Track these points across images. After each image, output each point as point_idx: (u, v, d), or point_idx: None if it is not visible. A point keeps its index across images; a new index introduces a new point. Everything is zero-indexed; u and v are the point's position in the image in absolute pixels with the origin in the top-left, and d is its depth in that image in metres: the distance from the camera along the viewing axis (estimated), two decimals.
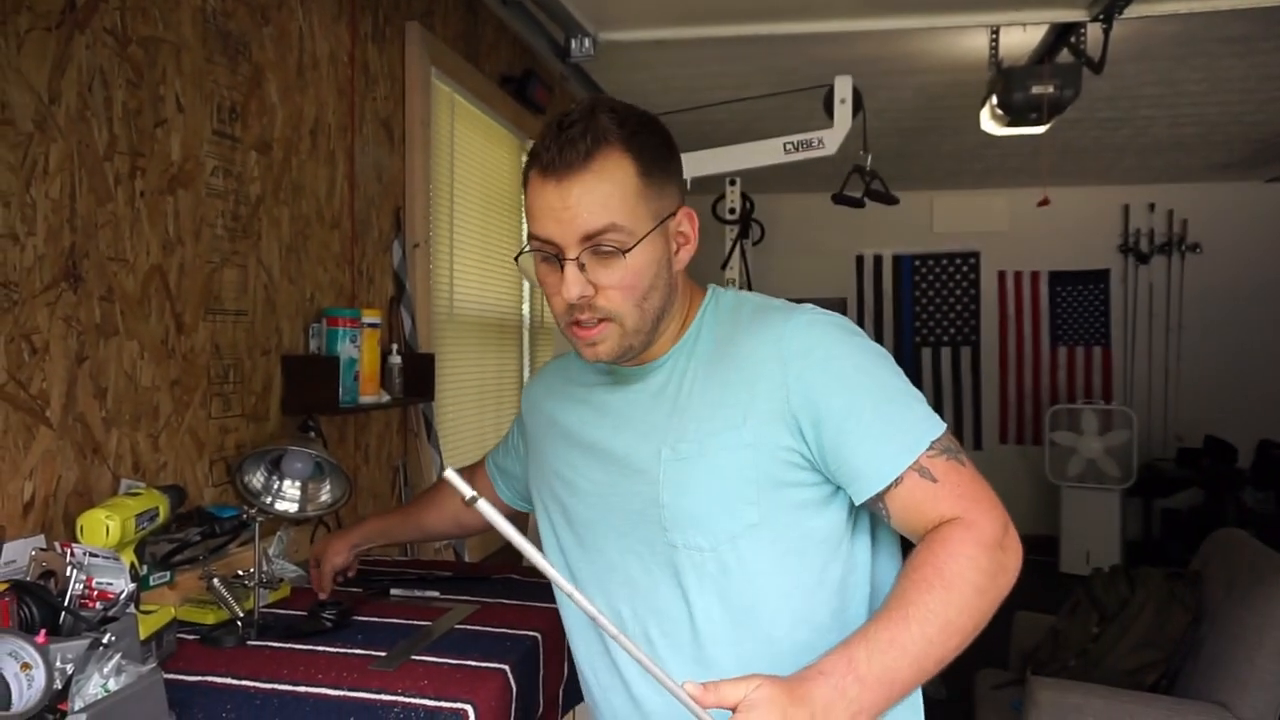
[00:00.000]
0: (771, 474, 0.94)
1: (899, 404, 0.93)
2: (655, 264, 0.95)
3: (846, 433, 0.91)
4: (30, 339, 1.26)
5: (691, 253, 1.00)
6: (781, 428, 0.93)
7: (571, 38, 2.90)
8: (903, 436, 0.91)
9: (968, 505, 0.90)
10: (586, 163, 0.91)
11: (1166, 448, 5.88)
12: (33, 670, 0.89)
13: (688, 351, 1.02)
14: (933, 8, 2.74)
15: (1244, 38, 3.17)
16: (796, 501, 0.95)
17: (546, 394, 1.16)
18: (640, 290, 0.95)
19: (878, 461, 0.91)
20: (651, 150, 0.95)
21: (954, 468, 0.91)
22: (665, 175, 0.96)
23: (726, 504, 0.95)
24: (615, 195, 0.92)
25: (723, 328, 1.01)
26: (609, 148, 0.92)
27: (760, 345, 0.95)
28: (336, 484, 1.58)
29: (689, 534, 0.96)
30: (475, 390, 2.93)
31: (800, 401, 0.92)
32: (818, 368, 0.93)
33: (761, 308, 1.00)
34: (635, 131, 0.94)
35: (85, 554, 1.09)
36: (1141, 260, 6.07)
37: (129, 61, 1.42)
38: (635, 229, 0.93)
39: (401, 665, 1.20)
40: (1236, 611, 2.22)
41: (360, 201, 2.16)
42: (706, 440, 0.95)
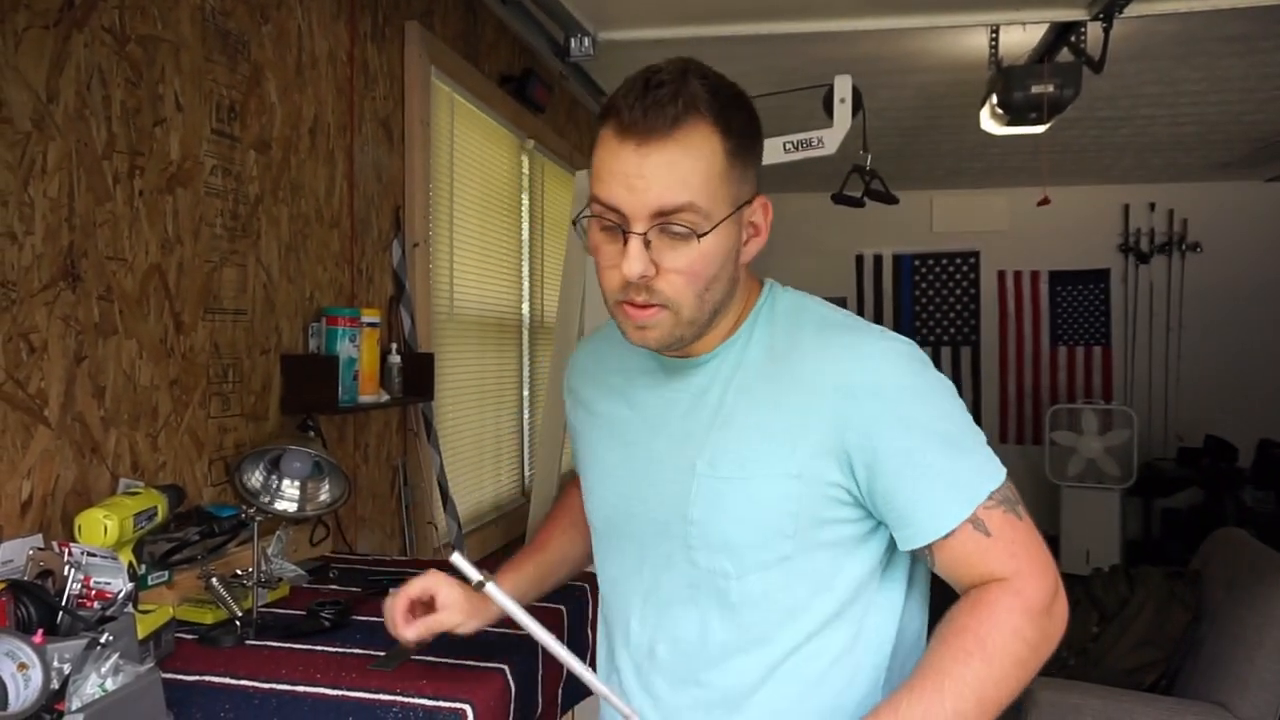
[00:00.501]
0: (813, 509, 0.87)
1: (962, 448, 0.86)
2: (724, 253, 0.87)
3: (904, 478, 0.85)
4: (28, 338, 1.25)
5: (760, 246, 0.92)
6: (832, 463, 0.86)
7: (571, 37, 2.89)
8: (962, 486, 0.85)
9: (1020, 565, 0.84)
10: (672, 130, 0.82)
11: (1166, 447, 5.88)
12: (30, 670, 0.89)
13: (737, 355, 0.93)
14: (932, 7, 2.74)
15: (1244, 37, 3.17)
16: (833, 538, 0.89)
17: (584, 379, 1.08)
18: (704, 279, 0.86)
19: (933, 512, 0.85)
20: (740, 127, 0.86)
21: (1010, 522, 0.85)
22: (750, 157, 0.88)
23: (762, 534, 0.88)
24: (698, 172, 0.83)
25: (779, 336, 0.92)
26: (698, 118, 0.83)
27: (822, 370, 0.87)
28: (335, 483, 1.58)
29: (716, 558, 0.90)
30: (475, 390, 2.93)
31: (858, 439, 0.85)
32: (882, 405, 0.85)
33: (826, 324, 0.92)
34: (726, 104, 0.85)
35: (83, 553, 1.08)
36: (1142, 260, 6.06)
37: (128, 60, 1.42)
38: (712, 212, 0.84)
39: (400, 665, 1.20)
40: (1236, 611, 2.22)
41: (359, 201, 2.15)
42: (749, 463, 0.88)
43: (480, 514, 2.95)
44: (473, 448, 2.91)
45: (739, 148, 0.86)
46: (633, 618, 0.98)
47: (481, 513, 2.96)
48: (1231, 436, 5.44)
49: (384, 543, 2.27)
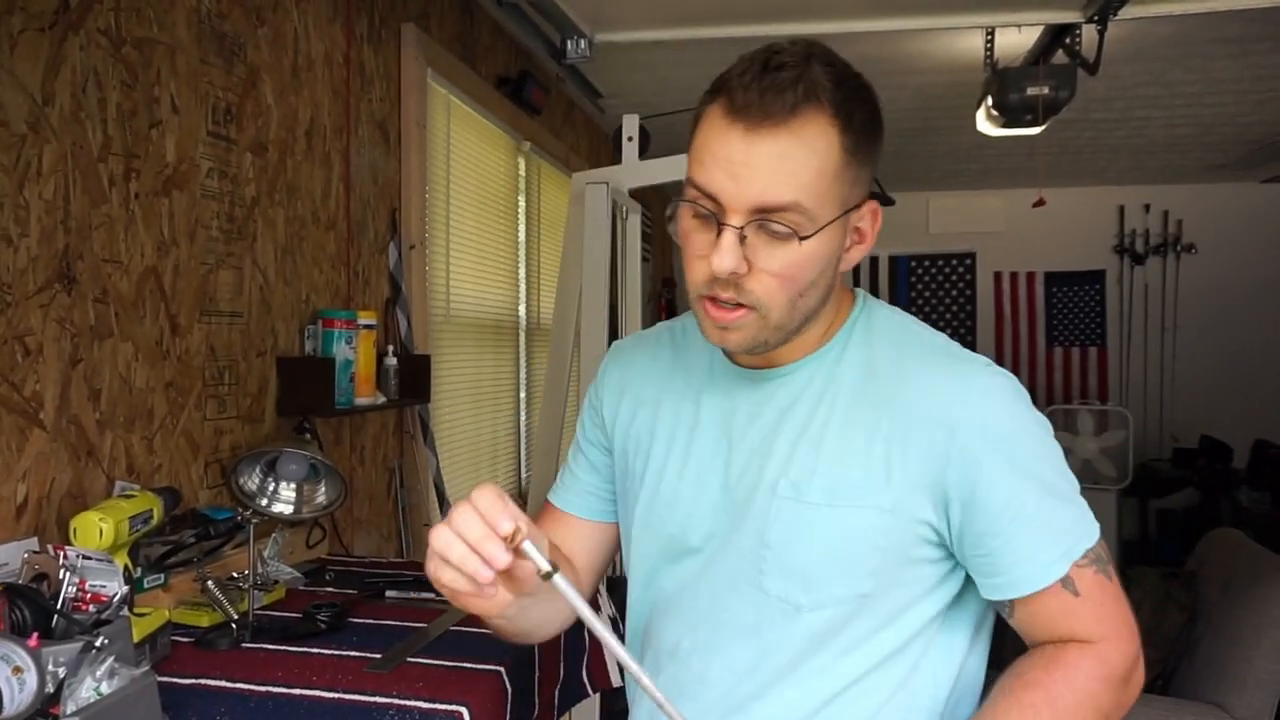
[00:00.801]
0: (901, 547, 0.81)
1: (1061, 500, 0.81)
2: (824, 259, 0.80)
3: (1001, 526, 0.79)
4: (24, 341, 1.25)
5: (863, 254, 0.85)
6: (926, 501, 0.80)
7: (567, 39, 2.90)
8: (1059, 542, 0.80)
9: (1106, 631, 0.80)
10: (789, 119, 0.75)
11: (1162, 448, 5.89)
12: (24, 674, 0.88)
13: (829, 370, 0.86)
14: (928, 9, 2.75)
15: (1238, 39, 3.18)
16: (913, 578, 0.83)
17: (640, 377, 0.98)
18: (800, 285, 0.79)
19: (1027, 567, 0.79)
20: (861, 123, 0.79)
21: (1101, 583, 0.81)
22: (867, 157, 0.81)
23: (844, 569, 0.82)
24: (810, 168, 0.76)
25: (879, 355, 0.85)
26: (817, 108, 0.76)
27: (927, 400, 0.81)
28: (332, 486, 1.58)
29: (790, 588, 0.83)
30: (471, 392, 2.93)
31: (959, 479, 0.79)
32: (988, 445, 0.79)
33: (932, 349, 0.85)
34: (850, 96, 0.78)
35: (78, 556, 1.08)
36: (1137, 261, 6.08)
37: (123, 62, 1.42)
38: (819, 214, 0.77)
39: (397, 667, 1.20)
40: (1232, 611, 2.22)
41: (356, 203, 2.15)
42: (839, 491, 0.82)
43: None
44: (469, 450, 2.91)
45: (857, 145, 0.79)
46: (684, 638, 0.89)
47: None
48: (1227, 437, 5.46)
49: (380, 545, 2.27)
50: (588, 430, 1.03)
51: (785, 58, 0.77)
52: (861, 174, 0.81)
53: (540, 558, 0.66)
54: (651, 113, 3.03)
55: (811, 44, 0.79)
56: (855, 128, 0.78)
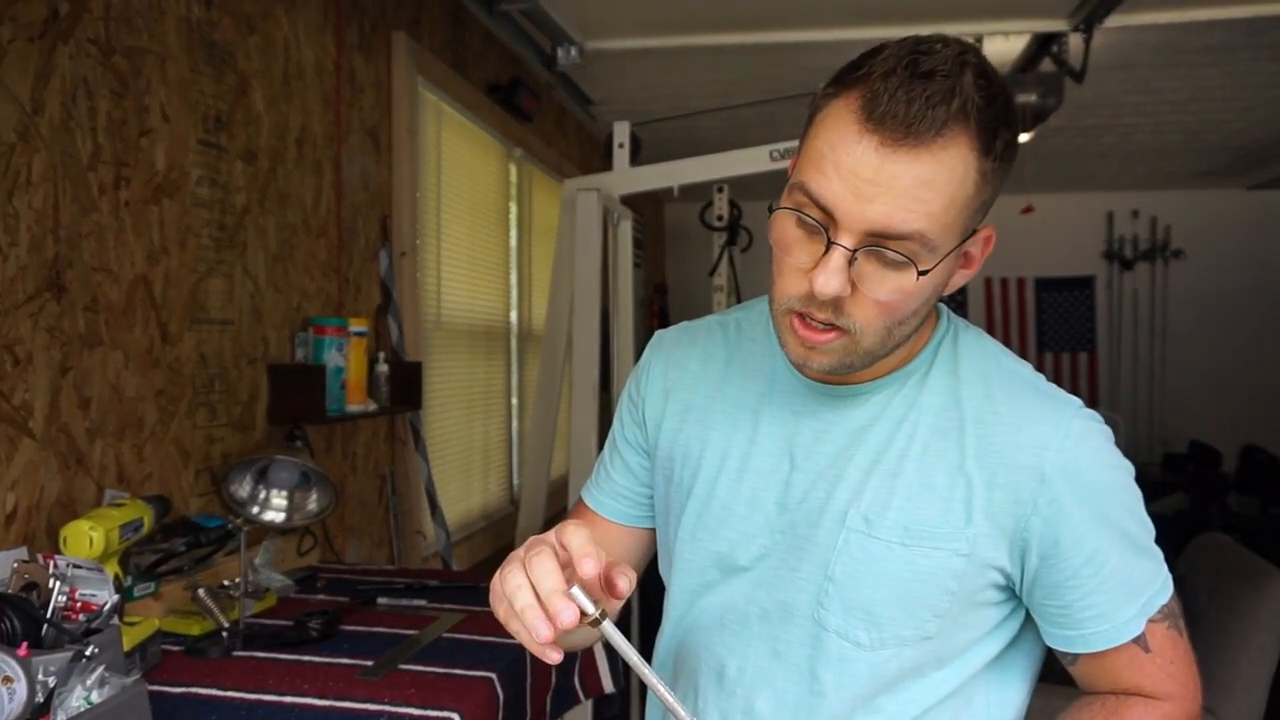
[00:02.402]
0: (972, 591, 0.77)
1: (1142, 553, 0.77)
2: (933, 290, 0.74)
3: (1081, 580, 0.75)
4: (13, 350, 1.25)
5: (967, 279, 0.79)
6: (1004, 546, 0.76)
7: (558, 46, 2.91)
8: (1138, 598, 0.76)
9: (1173, 690, 0.77)
10: (934, 139, 0.66)
11: (1152, 453, 5.92)
12: (14, 683, 0.88)
13: (911, 394, 0.80)
14: (916, 17, 2.77)
15: (1223, 47, 3.21)
16: (977, 620, 0.79)
17: (689, 380, 0.90)
18: (900, 314, 0.73)
19: (1104, 624, 0.76)
20: (1003, 148, 0.71)
21: (1172, 639, 0.78)
22: (1000, 181, 0.73)
23: (911, 609, 0.77)
24: (943, 198, 0.68)
25: (966, 383, 0.79)
26: (963, 129, 0.67)
27: (1018, 441, 0.75)
28: (323, 493, 1.58)
29: (851, 624, 0.78)
30: (463, 398, 2.93)
31: (1043, 529, 0.75)
32: (1078, 495, 0.74)
33: (1022, 383, 0.79)
34: (996, 117, 0.69)
35: (68, 565, 1.08)
36: (1126, 266, 6.12)
37: (113, 71, 1.42)
38: (941, 246, 0.70)
39: (388, 674, 1.20)
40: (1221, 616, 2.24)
41: (347, 210, 2.15)
42: (914, 530, 0.76)
43: (469, 523, 2.94)
44: (461, 456, 2.91)
45: (995, 172, 0.71)
46: (729, 663, 0.84)
47: (470, 521, 2.96)
48: (1216, 442, 5.49)
49: (372, 552, 2.27)
50: (626, 429, 0.95)
51: (937, 62, 0.67)
52: (989, 201, 0.74)
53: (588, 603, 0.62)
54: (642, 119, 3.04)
55: (965, 48, 0.69)
56: (997, 152, 0.70)
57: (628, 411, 0.95)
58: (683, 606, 0.88)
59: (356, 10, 2.20)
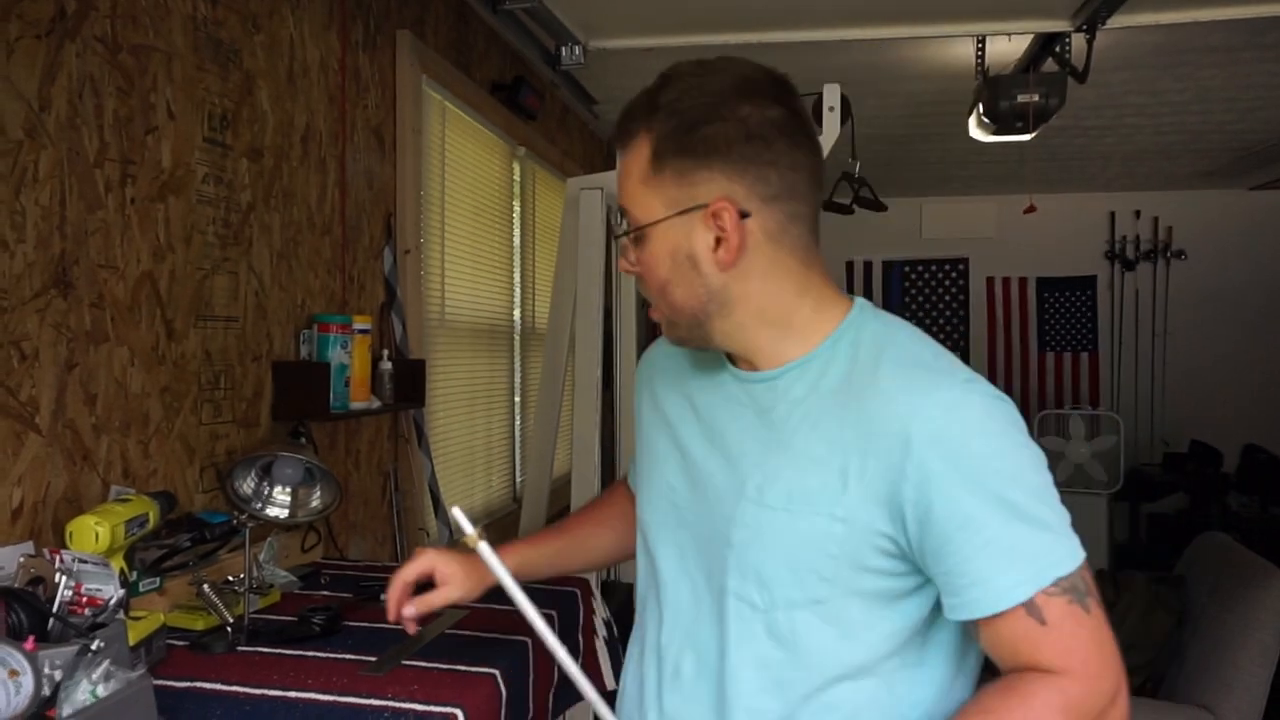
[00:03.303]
0: (856, 556, 0.82)
1: (1032, 525, 0.78)
2: (669, 257, 0.86)
3: (956, 545, 0.78)
4: (20, 345, 1.26)
5: (733, 254, 0.85)
6: (883, 513, 0.80)
7: (562, 45, 2.91)
8: (1023, 566, 0.77)
9: (1073, 664, 0.77)
10: (623, 142, 0.90)
11: (1153, 452, 5.92)
12: (21, 677, 0.89)
13: (812, 378, 0.87)
14: (919, 17, 2.77)
15: (1226, 48, 3.21)
16: (873, 589, 0.83)
17: (662, 378, 1.04)
18: (657, 280, 0.88)
19: (983, 590, 0.77)
20: (689, 132, 0.85)
21: (1073, 615, 0.77)
22: (700, 162, 0.84)
23: (796, 571, 0.83)
24: (625, 175, 0.89)
25: (860, 365, 0.85)
26: (644, 128, 0.88)
27: (889, 412, 0.80)
28: (327, 490, 1.59)
29: (746, 587, 0.86)
30: (466, 396, 2.93)
31: (913, 494, 0.78)
32: (945, 462, 0.78)
33: (909, 360, 0.84)
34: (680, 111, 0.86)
35: (74, 560, 1.09)
36: (1127, 267, 6.12)
37: (119, 69, 1.43)
38: (640, 215, 0.87)
39: (391, 670, 1.21)
40: (1220, 615, 2.24)
41: (351, 208, 2.16)
42: (797, 496, 0.83)
43: (472, 520, 2.94)
44: (464, 454, 2.91)
45: (669, 152, 0.86)
46: (664, 627, 0.94)
47: (473, 518, 2.94)
48: (1216, 442, 5.49)
49: (375, 549, 2.27)
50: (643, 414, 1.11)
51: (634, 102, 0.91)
52: (694, 176, 0.85)
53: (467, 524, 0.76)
54: None
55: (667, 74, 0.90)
56: (671, 136, 0.86)
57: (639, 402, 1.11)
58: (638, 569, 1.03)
59: (361, 8, 2.20)
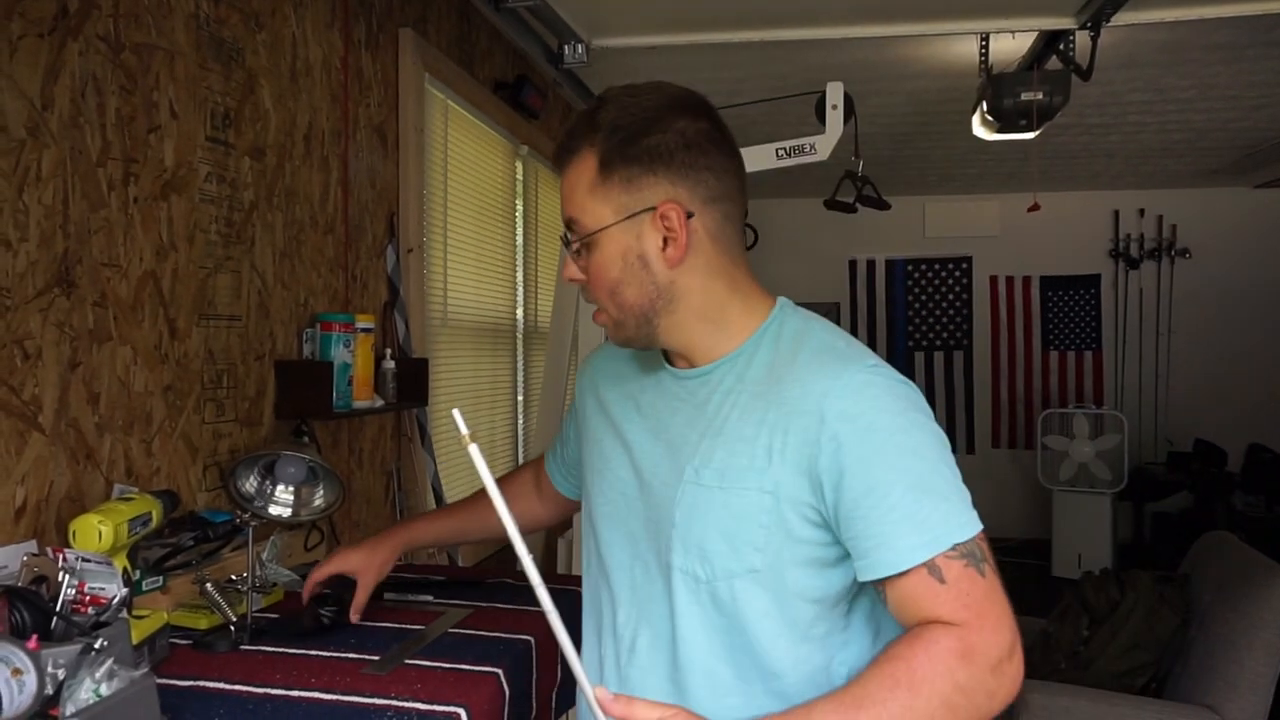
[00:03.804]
0: (785, 525, 0.91)
1: (932, 495, 0.86)
2: (620, 258, 0.95)
3: (865, 509, 0.86)
4: (23, 344, 1.26)
5: (681, 251, 0.94)
6: (805, 483, 0.89)
7: (564, 44, 2.91)
8: (924, 531, 0.85)
9: (969, 617, 0.83)
10: (565, 160, 0.98)
11: (1157, 452, 5.91)
12: (24, 676, 0.89)
13: (739, 370, 0.97)
14: (923, 15, 2.76)
15: (1231, 45, 3.20)
16: (804, 557, 0.92)
17: (606, 379, 1.12)
18: (607, 283, 0.96)
19: (888, 549, 0.85)
20: (621, 144, 0.94)
21: (970, 575, 0.84)
22: (645, 169, 0.93)
23: (733, 544, 0.92)
24: (572, 187, 0.96)
25: (781, 356, 0.95)
26: (586, 145, 0.95)
27: (805, 393, 0.90)
28: (330, 489, 1.58)
29: (690, 561, 0.95)
30: (469, 395, 2.93)
31: (828, 464, 0.88)
32: (855, 435, 0.87)
33: (823, 349, 0.94)
34: (621, 126, 0.94)
35: (77, 559, 1.09)
36: (1131, 265, 6.11)
37: (122, 68, 1.43)
38: (590, 223, 0.95)
39: (395, 669, 1.21)
40: (1225, 614, 2.24)
41: (354, 207, 2.16)
42: (728, 474, 0.93)
43: None
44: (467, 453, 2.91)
45: (615, 162, 0.93)
46: (620, 609, 1.03)
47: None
48: (1221, 441, 5.48)
49: None
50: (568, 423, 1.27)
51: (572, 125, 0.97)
52: (640, 182, 0.93)
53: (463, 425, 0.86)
54: None
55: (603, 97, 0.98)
56: (617, 148, 0.93)
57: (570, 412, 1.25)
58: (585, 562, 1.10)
59: (364, 7, 2.20)
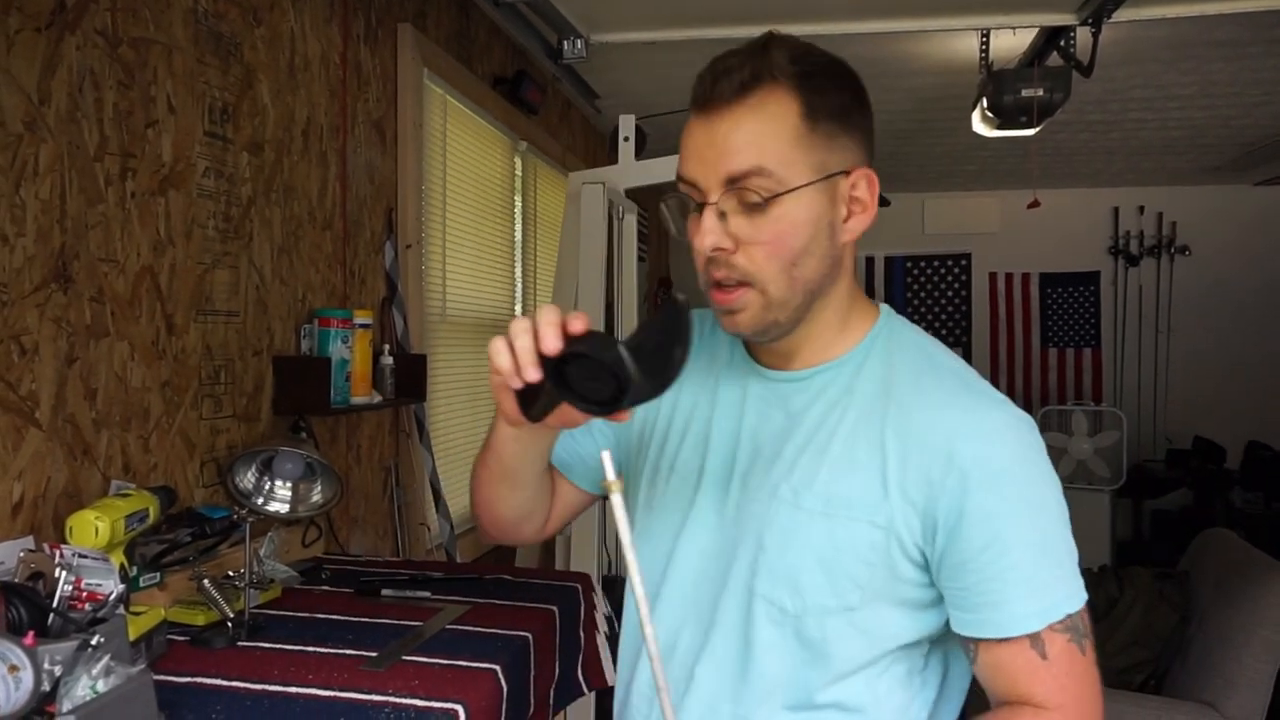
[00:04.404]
0: (890, 563, 0.81)
1: (1052, 559, 0.79)
2: (811, 225, 0.80)
3: (981, 564, 0.78)
4: (20, 340, 1.25)
5: (866, 224, 0.84)
6: (917, 523, 0.80)
7: (564, 39, 2.90)
8: (1039, 597, 0.78)
9: (1065, 702, 0.78)
10: (741, 96, 0.79)
11: (1156, 449, 5.91)
12: (20, 672, 0.89)
13: (847, 380, 0.86)
14: (923, 11, 2.75)
15: (1232, 42, 3.20)
16: (901, 597, 0.82)
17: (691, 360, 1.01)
18: (789, 252, 0.80)
19: (998, 611, 0.78)
20: (827, 94, 0.81)
21: (1072, 653, 0.78)
22: (841, 126, 0.82)
23: (832, 577, 0.82)
24: (768, 134, 0.79)
25: (898, 373, 0.85)
26: (772, 84, 0.79)
27: (933, 425, 0.80)
28: (327, 485, 1.58)
29: (778, 591, 0.83)
30: (467, 391, 2.93)
31: (949, 508, 0.79)
32: (984, 482, 0.78)
33: (949, 377, 0.84)
34: (810, 72, 0.81)
35: (74, 555, 1.08)
36: (1131, 262, 6.10)
37: (120, 62, 1.42)
38: (788, 177, 0.78)
39: (392, 665, 1.21)
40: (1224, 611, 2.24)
41: (352, 202, 2.15)
42: (835, 501, 0.82)
43: None
44: (465, 449, 2.91)
45: (822, 113, 0.80)
46: (680, 635, 0.89)
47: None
48: (1220, 438, 5.48)
49: (376, 544, 2.27)
50: None
51: (738, 50, 0.82)
52: (839, 142, 0.81)
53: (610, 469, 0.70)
54: (648, 113, 3.03)
55: (770, 35, 0.83)
56: (816, 96, 0.80)
57: None
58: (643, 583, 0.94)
59: (363, 2, 2.19)
